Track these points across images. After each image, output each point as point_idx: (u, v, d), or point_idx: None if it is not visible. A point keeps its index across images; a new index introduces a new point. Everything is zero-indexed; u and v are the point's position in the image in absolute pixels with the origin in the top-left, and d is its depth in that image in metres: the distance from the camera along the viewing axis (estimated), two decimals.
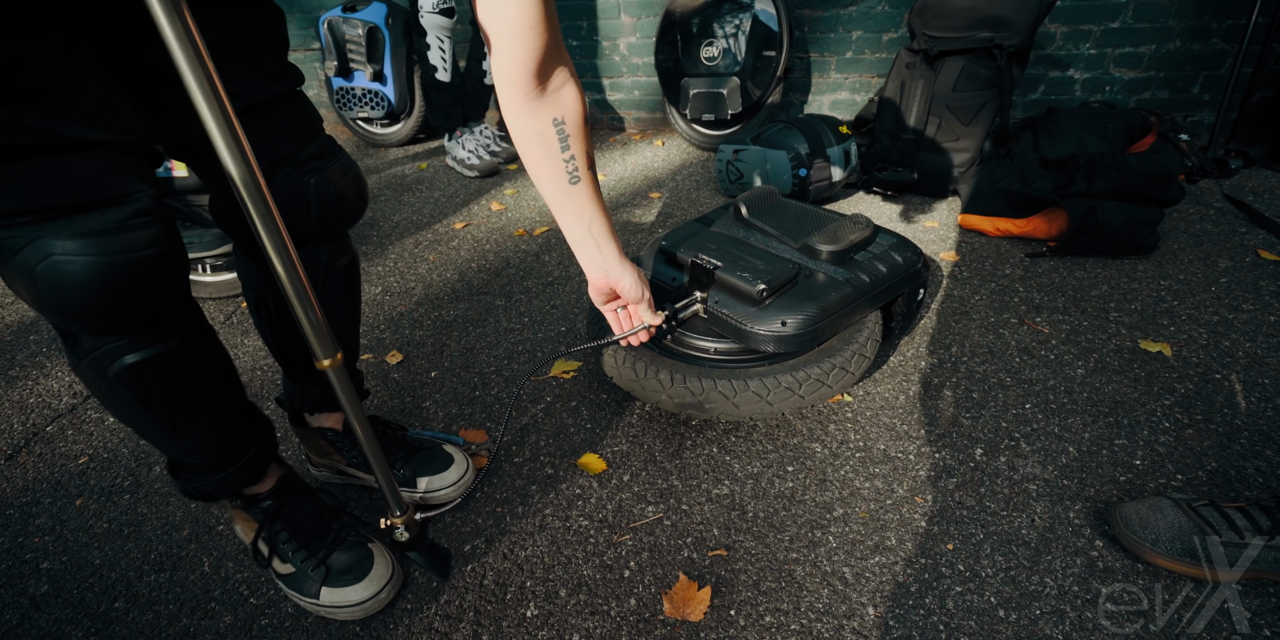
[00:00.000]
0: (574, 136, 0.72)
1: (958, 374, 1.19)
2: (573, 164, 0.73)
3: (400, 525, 0.87)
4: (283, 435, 1.15)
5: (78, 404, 1.27)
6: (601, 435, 1.11)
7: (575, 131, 0.72)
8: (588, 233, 0.79)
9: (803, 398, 0.98)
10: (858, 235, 1.08)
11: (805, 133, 1.83)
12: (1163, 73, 2.09)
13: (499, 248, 1.81)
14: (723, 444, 1.07)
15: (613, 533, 0.94)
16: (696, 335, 1.06)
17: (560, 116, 0.70)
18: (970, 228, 1.70)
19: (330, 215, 0.77)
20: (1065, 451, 1.01)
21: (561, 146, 0.72)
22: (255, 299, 0.84)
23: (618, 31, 2.65)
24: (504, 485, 1.03)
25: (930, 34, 1.77)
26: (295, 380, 0.93)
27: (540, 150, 0.72)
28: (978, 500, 0.94)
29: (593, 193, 0.77)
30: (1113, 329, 1.28)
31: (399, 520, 0.86)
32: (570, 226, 0.79)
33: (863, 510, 0.94)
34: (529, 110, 0.69)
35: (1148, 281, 1.42)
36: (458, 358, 1.34)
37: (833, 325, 0.99)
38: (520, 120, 0.70)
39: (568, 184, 0.75)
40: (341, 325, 0.89)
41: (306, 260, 0.81)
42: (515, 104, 0.68)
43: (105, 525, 0.99)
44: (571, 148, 0.72)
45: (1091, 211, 1.46)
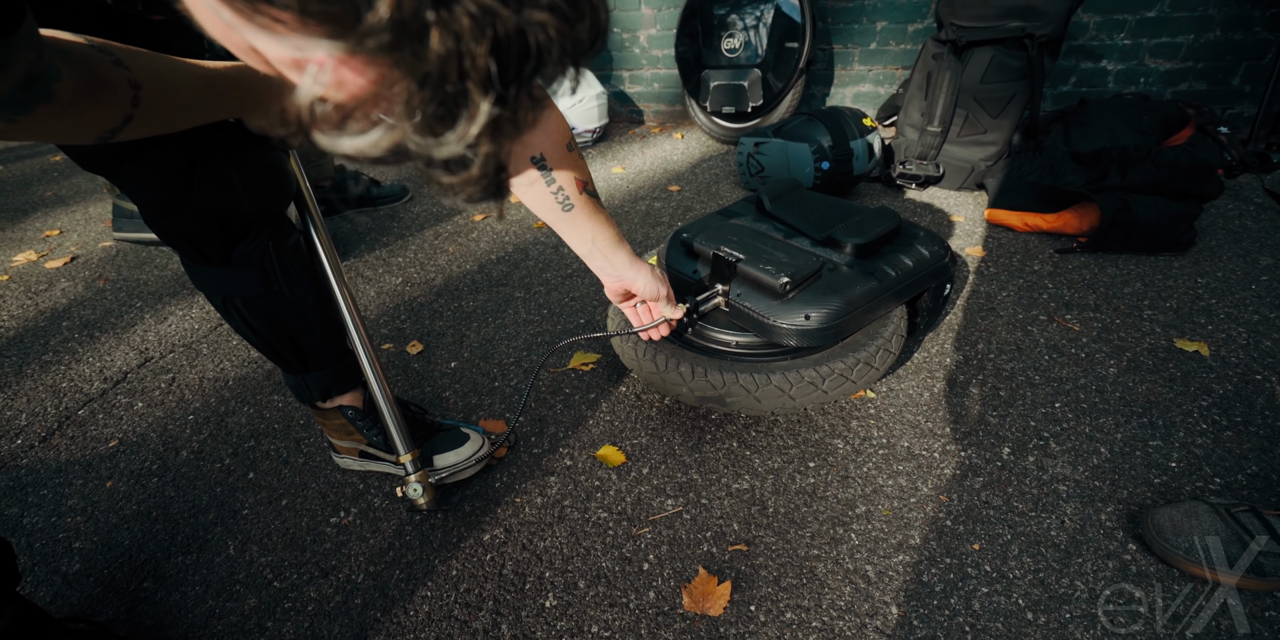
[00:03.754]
0: (557, 168, 0.69)
1: (984, 371, 1.17)
2: (561, 195, 0.71)
3: (415, 482, 0.88)
4: (305, 422, 1.16)
5: (108, 389, 1.29)
6: (620, 428, 1.11)
7: (557, 162, 0.69)
8: (593, 247, 0.77)
9: (826, 392, 0.97)
10: (883, 228, 1.06)
11: (829, 125, 1.80)
12: (1201, 63, 2.02)
13: (518, 240, 1.81)
14: (743, 439, 1.06)
15: (632, 525, 0.93)
16: (718, 328, 1.05)
17: (539, 153, 0.68)
18: (998, 222, 1.66)
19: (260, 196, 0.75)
20: (1096, 452, 0.98)
21: (547, 181, 0.70)
22: (222, 301, 0.82)
23: (638, 23, 2.63)
24: (523, 476, 1.03)
25: (959, 23, 1.73)
26: (294, 372, 0.92)
27: (525, 189, 0.71)
28: (1005, 500, 0.92)
29: (591, 213, 0.74)
30: (1146, 327, 1.24)
31: (414, 476, 0.88)
32: (574, 244, 0.78)
33: (886, 508, 0.93)
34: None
35: (1184, 279, 1.37)
36: (477, 348, 1.35)
37: (857, 320, 0.98)
38: None
39: (561, 213, 0.73)
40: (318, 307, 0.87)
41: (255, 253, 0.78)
42: None
43: (134, 507, 1.01)
44: (558, 180, 0.70)
45: (1125, 206, 1.42)
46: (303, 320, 0.86)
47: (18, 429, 1.20)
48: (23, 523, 1.00)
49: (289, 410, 1.20)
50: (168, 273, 1.74)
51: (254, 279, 0.80)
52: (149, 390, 1.28)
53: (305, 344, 0.89)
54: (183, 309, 1.57)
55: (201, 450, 1.12)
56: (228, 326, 1.48)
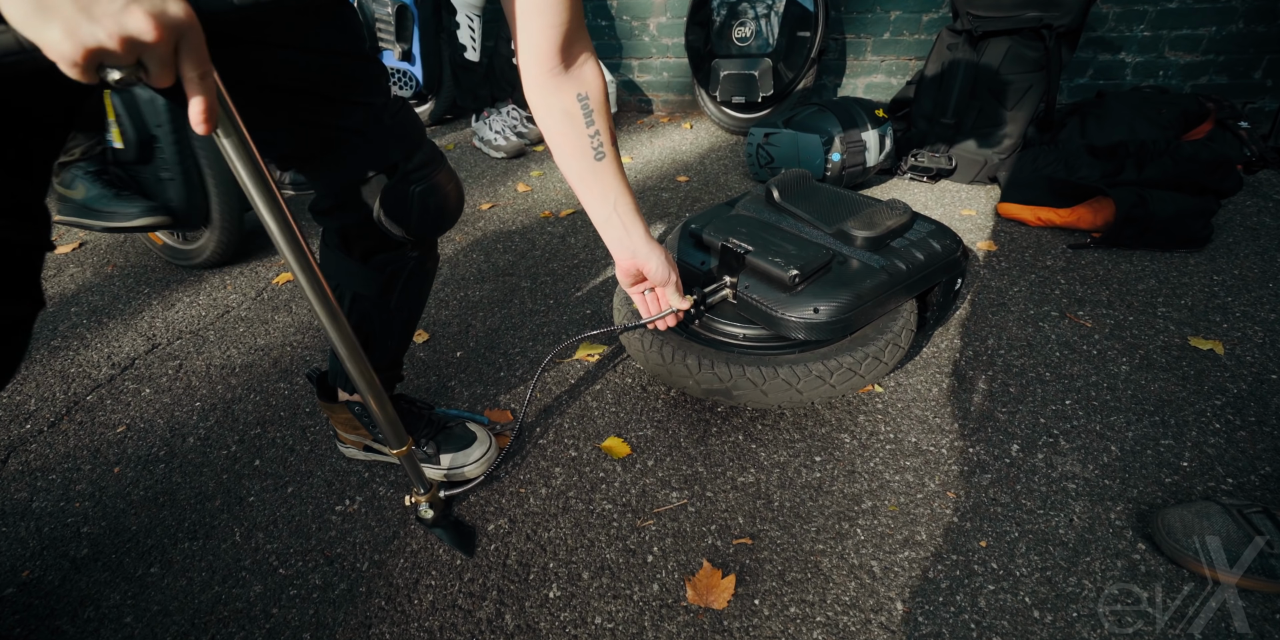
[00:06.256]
0: (598, 112, 0.72)
1: (994, 367, 1.15)
2: (597, 139, 0.73)
3: (424, 503, 0.87)
4: (310, 410, 1.16)
5: (116, 374, 1.30)
6: (626, 419, 1.10)
7: (599, 107, 0.72)
8: (613, 211, 0.78)
9: (834, 387, 0.96)
10: (894, 221, 1.04)
11: (839, 116, 1.78)
12: (1223, 56, 1.98)
13: (525, 229, 1.80)
14: (749, 432, 1.06)
15: (636, 517, 0.93)
16: (725, 321, 1.04)
17: (584, 92, 0.70)
18: (1010, 217, 1.64)
19: (430, 223, 0.79)
20: (1107, 450, 0.97)
21: (586, 122, 0.72)
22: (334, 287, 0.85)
23: (647, 11, 2.59)
24: (528, 466, 1.03)
25: (975, 13, 1.70)
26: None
27: (565, 126, 0.72)
28: (1013, 497, 0.91)
29: (617, 170, 0.77)
30: (1160, 325, 1.22)
31: (423, 498, 0.86)
32: (595, 205, 0.78)
33: (892, 503, 0.92)
34: (554, 86, 0.69)
35: (1200, 276, 1.35)
36: (483, 338, 1.34)
37: (867, 313, 0.97)
38: (545, 97, 0.70)
39: (593, 160, 0.74)
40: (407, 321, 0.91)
41: (394, 263, 0.83)
42: (540, 80, 0.69)
43: (142, 493, 1.02)
44: (596, 123, 0.72)
45: (1141, 201, 1.40)
46: (388, 328, 0.90)
47: (27, 414, 1.21)
48: (31, 507, 1.01)
49: (295, 398, 1.20)
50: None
51: (376, 283, 0.83)
52: (156, 377, 1.29)
53: (375, 345, 0.91)
54: (189, 296, 1.57)
55: (208, 437, 1.12)
56: (233, 314, 1.48)
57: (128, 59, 0.39)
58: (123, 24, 0.36)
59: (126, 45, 0.37)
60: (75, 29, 0.36)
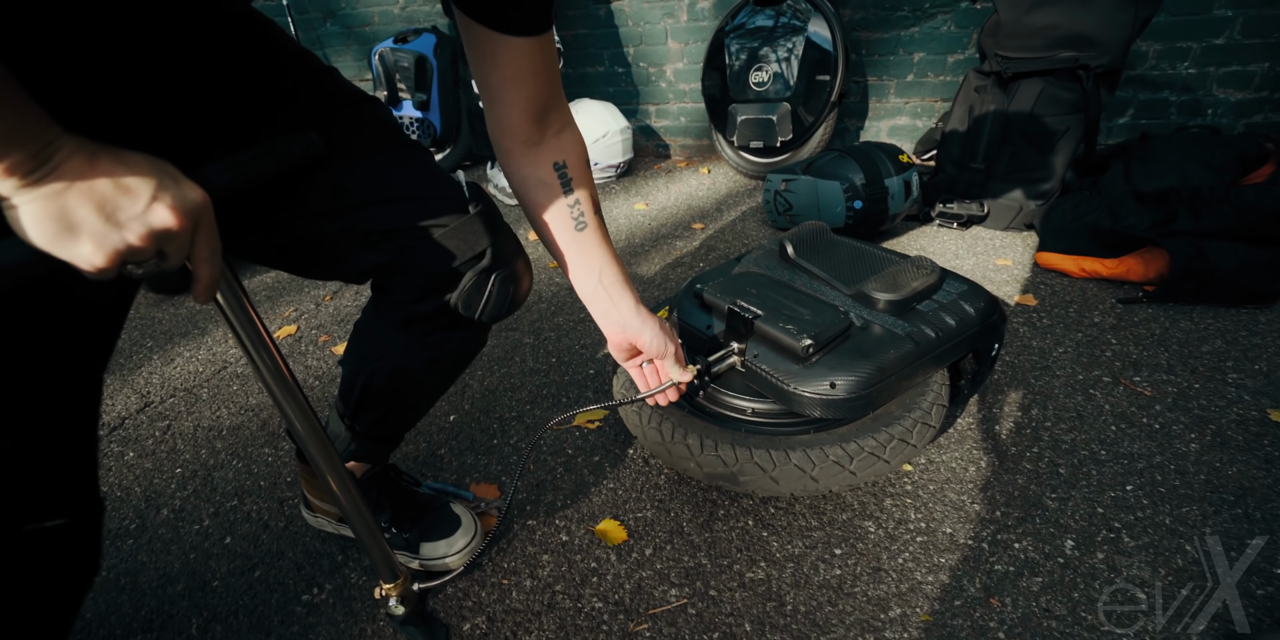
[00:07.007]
0: (578, 179, 0.66)
1: (1039, 443, 1.02)
2: (578, 208, 0.67)
3: (395, 597, 0.78)
4: (291, 479, 1.09)
5: (104, 435, 1.26)
6: (624, 498, 1.00)
7: (579, 174, 0.67)
8: (599, 284, 0.71)
9: (853, 474, 0.85)
10: (921, 281, 0.94)
11: (861, 162, 1.70)
12: (1278, 93, 1.85)
13: (532, 280, 1.75)
14: (759, 516, 0.95)
15: (629, 619, 0.82)
16: (732, 393, 0.94)
17: (561, 160, 0.65)
18: (1050, 267, 1.52)
19: (503, 309, 0.75)
20: (1181, 551, 0.83)
21: (565, 190, 0.66)
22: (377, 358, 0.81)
23: (664, 58, 2.60)
24: (513, 552, 0.93)
25: (1004, 55, 1.63)
26: (350, 429, 0.87)
27: (542, 196, 0.67)
28: (1070, 608, 0.78)
29: (602, 238, 0.70)
30: (1233, 394, 1.08)
31: (393, 590, 0.77)
32: (580, 278, 0.71)
33: (925, 611, 0.79)
34: (529, 158, 0.65)
35: (1273, 337, 1.21)
36: (479, 400, 1.27)
37: (890, 388, 0.86)
38: (520, 168, 0.66)
39: (574, 231, 0.68)
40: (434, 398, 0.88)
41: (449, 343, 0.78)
42: (515, 152, 0.65)
43: (104, 574, 0.95)
44: (575, 191, 0.67)
45: (1199, 253, 1.27)
46: (416, 405, 0.87)
47: None
48: None
49: (277, 465, 1.14)
50: (183, 311, 1.74)
51: (424, 360, 0.79)
52: (143, 439, 1.24)
53: (393, 419, 0.86)
54: (190, 350, 1.55)
55: (183, 509, 1.06)
56: (229, 371, 1.44)
57: (151, 252, 0.39)
58: (149, 223, 0.38)
59: (152, 241, 0.38)
60: (104, 239, 0.36)
